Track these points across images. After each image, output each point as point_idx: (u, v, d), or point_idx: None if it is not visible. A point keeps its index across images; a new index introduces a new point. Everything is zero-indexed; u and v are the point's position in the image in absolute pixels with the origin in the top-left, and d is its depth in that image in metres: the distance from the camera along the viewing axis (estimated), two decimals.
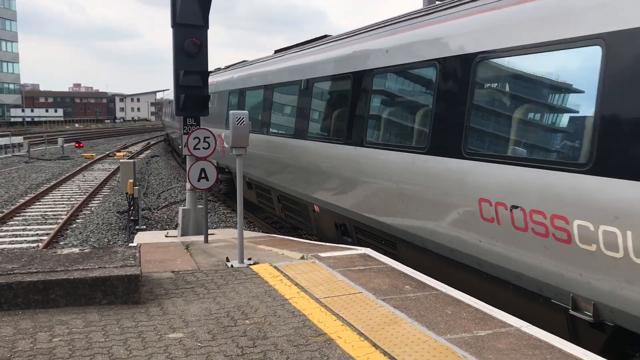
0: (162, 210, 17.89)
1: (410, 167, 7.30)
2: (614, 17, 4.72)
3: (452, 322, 4.86)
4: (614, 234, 4.52)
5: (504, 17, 5.99)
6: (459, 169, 6.36)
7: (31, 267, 5.76)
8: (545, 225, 5.14)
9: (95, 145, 50.74)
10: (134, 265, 5.88)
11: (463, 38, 6.54)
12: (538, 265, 5.33)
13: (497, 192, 5.75)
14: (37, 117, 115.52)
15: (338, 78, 9.68)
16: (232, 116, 7.31)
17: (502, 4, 6.11)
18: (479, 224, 6.04)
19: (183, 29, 10.42)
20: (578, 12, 5.07)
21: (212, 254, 8.12)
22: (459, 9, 6.89)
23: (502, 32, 5.96)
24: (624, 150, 4.54)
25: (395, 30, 8.17)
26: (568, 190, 4.96)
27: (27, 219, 16.38)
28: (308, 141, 10.62)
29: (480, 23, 6.35)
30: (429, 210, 6.94)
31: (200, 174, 9.40)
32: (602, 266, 4.67)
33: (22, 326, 4.91)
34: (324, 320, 5.02)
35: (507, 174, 5.65)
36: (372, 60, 8.49)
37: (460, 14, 6.76)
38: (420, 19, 7.69)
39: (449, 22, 6.92)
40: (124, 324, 5.00)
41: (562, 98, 5.48)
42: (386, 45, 8.20)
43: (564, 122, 5.38)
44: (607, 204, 4.60)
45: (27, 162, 33.37)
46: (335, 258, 7.14)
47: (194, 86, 10.60)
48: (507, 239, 5.69)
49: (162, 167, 31.38)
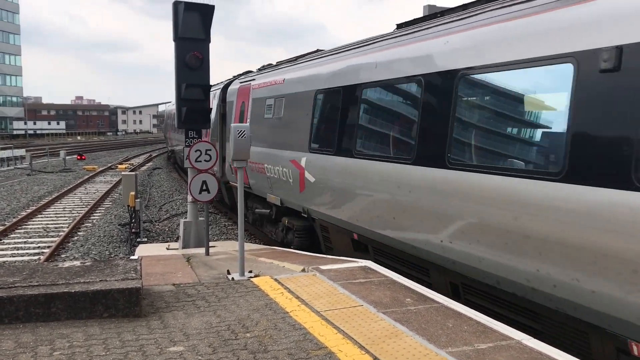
0: (164, 223, 17.90)
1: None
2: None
3: (453, 335, 4.85)
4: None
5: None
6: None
7: (32, 280, 5.77)
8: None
9: (97, 158, 50.85)
10: (135, 278, 5.88)
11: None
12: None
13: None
14: (40, 129, 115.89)
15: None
16: (234, 129, 7.36)
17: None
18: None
19: (185, 43, 10.51)
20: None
21: (213, 267, 8.12)
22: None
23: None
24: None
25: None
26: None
27: (29, 231, 16.39)
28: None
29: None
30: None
31: (202, 187, 9.43)
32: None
33: (23, 340, 4.91)
34: (325, 334, 5.01)
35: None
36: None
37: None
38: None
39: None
40: (125, 338, 5.00)
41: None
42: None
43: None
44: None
45: (29, 174, 33.44)
46: (336, 271, 7.14)
47: (196, 99, 10.67)
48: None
49: (164, 179, 31.43)
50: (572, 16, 5.25)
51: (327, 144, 9.68)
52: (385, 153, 8.11)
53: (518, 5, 6.10)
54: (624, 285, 4.52)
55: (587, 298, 4.87)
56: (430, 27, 7.66)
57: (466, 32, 6.70)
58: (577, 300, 4.98)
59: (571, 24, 5.24)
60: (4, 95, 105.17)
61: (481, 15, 6.66)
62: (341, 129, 9.30)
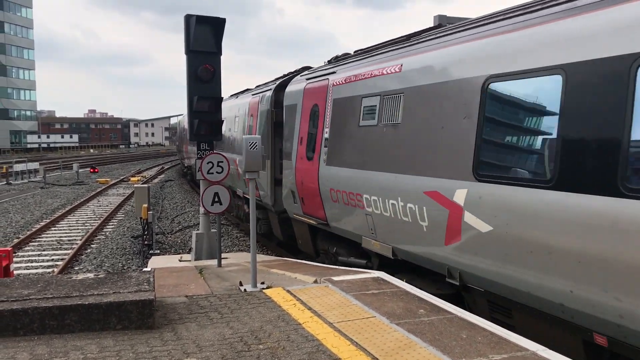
0: (176, 235, 17.97)
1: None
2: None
3: (467, 347, 4.81)
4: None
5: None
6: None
7: (47, 292, 5.81)
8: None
9: (110, 171, 51.22)
10: (148, 290, 5.90)
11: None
12: None
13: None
14: (53, 143, 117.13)
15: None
16: (245, 141, 7.38)
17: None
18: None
19: (197, 56, 10.60)
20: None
21: (226, 278, 8.13)
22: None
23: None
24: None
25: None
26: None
27: (43, 244, 16.51)
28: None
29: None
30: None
31: (214, 198, 9.46)
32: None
33: (38, 352, 4.94)
34: (338, 345, 4.99)
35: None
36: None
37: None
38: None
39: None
40: (138, 349, 5.01)
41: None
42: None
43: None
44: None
45: (42, 187, 33.73)
46: (348, 282, 7.12)
47: (208, 111, 10.75)
48: None
49: (176, 191, 31.58)
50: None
51: (532, 167, 5.80)
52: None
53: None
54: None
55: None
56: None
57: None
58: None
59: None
60: (18, 109, 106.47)
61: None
62: (574, 142, 5.21)
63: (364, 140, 8.84)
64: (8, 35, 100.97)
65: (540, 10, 6.03)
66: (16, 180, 38.30)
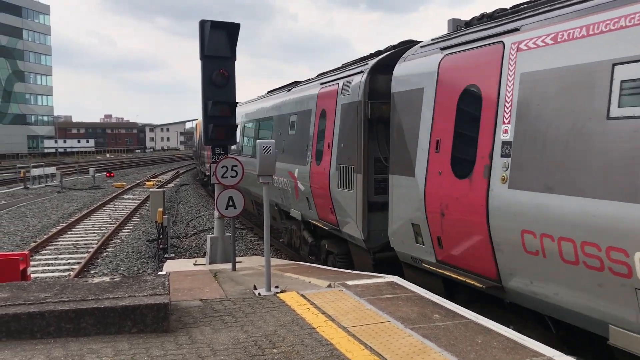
0: (191, 238, 18.04)
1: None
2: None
3: (482, 352, 4.77)
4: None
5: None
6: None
7: (63, 296, 5.86)
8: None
9: (126, 175, 51.60)
10: (163, 293, 5.93)
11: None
12: None
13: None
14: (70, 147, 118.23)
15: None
16: (259, 145, 7.40)
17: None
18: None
19: (211, 61, 10.67)
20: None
21: (240, 282, 8.15)
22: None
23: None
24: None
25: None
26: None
27: (59, 248, 16.67)
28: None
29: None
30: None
31: (228, 202, 9.49)
32: None
33: (54, 355, 4.98)
34: (352, 350, 4.98)
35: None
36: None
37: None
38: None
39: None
40: (153, 353, 5.03)
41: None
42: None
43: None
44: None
45: (59, 192, 34.06)
46: (362, 286, 7.10)
47: (223, 116, 10.81)
48: None
49: (191, 195, 31.73)
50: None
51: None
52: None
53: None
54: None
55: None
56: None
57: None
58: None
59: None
60: (35, 115, 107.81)
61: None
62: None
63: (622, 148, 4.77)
64: (26, 42, 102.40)
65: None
66: (33, 185, 38.73)
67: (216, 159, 10.91)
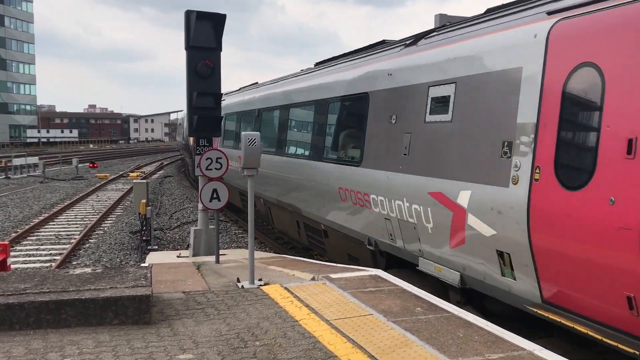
0: (174, 231, 17.95)
1: None
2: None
3: (463, 345, 4.81)
4: None
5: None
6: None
7: (43, 287, 5.79)
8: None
9: (109, 166, 51.16)
10: (145, 285, 5.89)
11: None
12: None
13: None
14: (53, 137, 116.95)
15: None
16: (244, 137, 7.35)
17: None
18: None
19: (196, 52, 10.57)
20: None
21: (223, 275, 8.12)
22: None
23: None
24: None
25: None
26: None
27: (41, 238, 16.49)
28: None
29: None
30: None
31: (212, 194, 9.45)
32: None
33: (34, 346, 4.93)
34: (335, 343, 4.99)
35: None
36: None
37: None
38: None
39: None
40: (135, 345, 5.00)
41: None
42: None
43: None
44: None
45: (42, 182, 33.69)
46: (346, 279, 7.11)
47: (207, 107, 10.72)
48: None
49: (175, 187, 31.54)
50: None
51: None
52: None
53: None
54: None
55: None
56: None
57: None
58: None
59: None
60: (18, 104, 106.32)
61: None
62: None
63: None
64: (8, 29, 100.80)
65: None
66: (15, 175, 38.27)
67: (200, 150, 10.84)
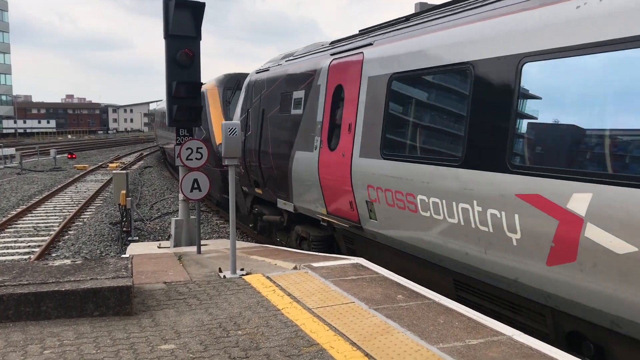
0: (155, 221, 17.84)
1: None
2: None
3: (444, 331, 4.87)
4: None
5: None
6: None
7: (22, 279, 5.73)
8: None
9: (88, 157, 50.58)
10: (126, 276, 5.86)
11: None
12: None
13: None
14: (30, 128, 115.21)
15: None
16: (224, 127, 7.32)
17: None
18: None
19: (175, 40, 10.47)
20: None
21: (205, 265, 8.11)
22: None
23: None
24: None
25: None
26: None
27: (19, 230, 16.28)
28: None
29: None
30: None
31: (193, 185, 9.40)
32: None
33: (13, 339, 4.88)
34: (317, 330, 5.02)
35: None
36: None
37: None
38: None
39: None
40: (116, 336, 4.98)
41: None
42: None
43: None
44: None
45: (19, 173, 33.21)
46: (328, 268, 7.14)
47: (187, 97, 10.63)
48: None
49: (155, 177, 31.31)
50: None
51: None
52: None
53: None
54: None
55: None
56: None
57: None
58: None
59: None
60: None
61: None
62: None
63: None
64: None
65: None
66: None
67: (180, 140, 10.76)
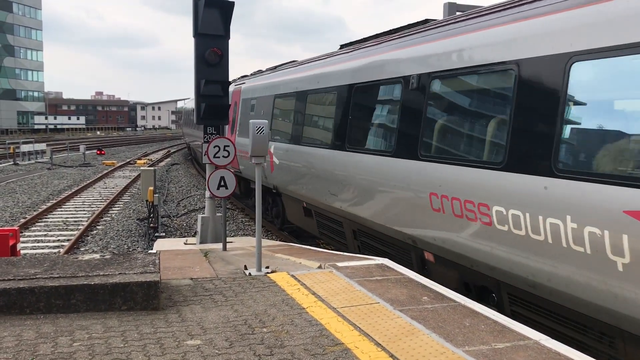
0: (182, 218, 18.02)
1: None
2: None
3: (470, 334, 4.83)
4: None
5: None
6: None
7: (53, 272, 5.85)
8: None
9: (117, 153, 51.32)
10: (154, 271, 5.94)
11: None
12: None
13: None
14: (60, 124, 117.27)
15: None
16: (252, 125, 7.35)
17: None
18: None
19: (204, 39, 10.56)
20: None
21: (230, 262, 8.17)
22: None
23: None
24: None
25: None
26: None
27: (49, 224, 16.60)
28: None
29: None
30: None
31: (220, 182, 9.47)
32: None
33: (44, 330, 4.98)
34: (341, 330, 5.02)
35: None
36: None
37: None
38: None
39: None
40: (143, 330, 5.05)
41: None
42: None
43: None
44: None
45: (49, 168, 33.85)
46: (352, 268, 7.14)
47: (215, 95, 10.72)
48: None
49: (182, 174, 31.63)
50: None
51: None
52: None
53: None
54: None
55: None
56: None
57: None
58: None
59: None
60: (25, 90, 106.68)
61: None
62: None
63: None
64: (16, 16, 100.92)
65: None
66: (23, 161, 38.47)
67: (208, 138, 10.86)
